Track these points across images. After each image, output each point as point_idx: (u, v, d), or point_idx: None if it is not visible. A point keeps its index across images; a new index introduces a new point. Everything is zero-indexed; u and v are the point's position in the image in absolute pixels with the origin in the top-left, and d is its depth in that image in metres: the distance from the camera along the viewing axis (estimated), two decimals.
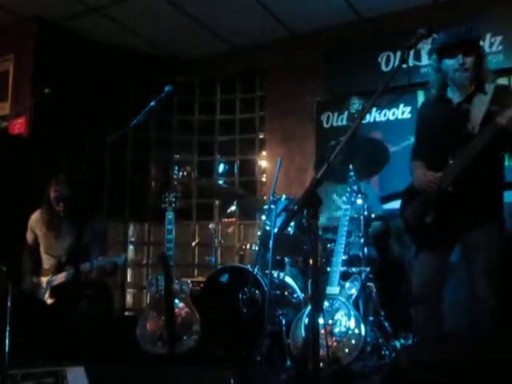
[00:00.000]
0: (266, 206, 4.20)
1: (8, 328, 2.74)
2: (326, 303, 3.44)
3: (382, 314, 3.67)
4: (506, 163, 2.94)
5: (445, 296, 2.95)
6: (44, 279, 3.86)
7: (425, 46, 4.77)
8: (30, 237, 4.04)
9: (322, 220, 4.38)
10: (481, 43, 2.97)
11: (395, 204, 3.73)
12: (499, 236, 2.77)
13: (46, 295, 3.76)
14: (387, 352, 3.46)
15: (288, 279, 4.16)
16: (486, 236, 2.73)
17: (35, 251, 3.99)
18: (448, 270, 2.98)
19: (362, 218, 3.83)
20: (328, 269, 3.65)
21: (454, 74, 2.77)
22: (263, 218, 4.25)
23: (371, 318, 3.62)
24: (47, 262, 3.93)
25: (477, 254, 2.75)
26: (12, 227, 4.14)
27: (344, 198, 3.82)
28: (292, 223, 4.09)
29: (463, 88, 2.81)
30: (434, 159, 2.88)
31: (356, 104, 5.19)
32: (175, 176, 4.55)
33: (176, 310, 3.83)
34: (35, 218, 4.01)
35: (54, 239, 3.93)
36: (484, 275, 2.72)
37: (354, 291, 3.48)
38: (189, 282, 4.07)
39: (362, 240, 3.80)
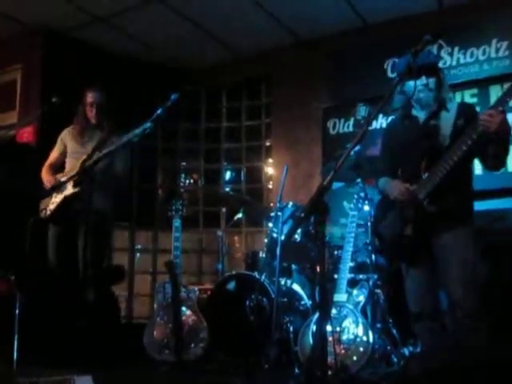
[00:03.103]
0: (272, 213, 4.20)
1: (16, 336, 2.75)
2: (334, 310, 3.43)
3: (390, 321, 3.65)
4: (479, 172, 2.97)
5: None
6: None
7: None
8: (56, 151, 4.11)
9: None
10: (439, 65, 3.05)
11: None
12: (469, 238, 2.77)
13: (69, 187, 3.78)
14: (395, 359, 3.44)
15: (295, 286, 4.15)
16: (455, 238, 2.73)
17: (55, 167, 4.09)
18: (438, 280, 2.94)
19: (369, 224, 3.82)
20: (335, 276, 3.64)
21: (419, 95, 2.83)
22: (270, 225, 4.25)
23: (379, 325, 3.60)
24: (69, 166, 3.98)
25: (447, 257, 2.74)
26: (19, 236, 4.15)
27: (351, 205, 3.81)
28: (299, 230, 4.09)
29: (428, 107, 2.89)
30: (405, 173, 2.91)
31: (362, 110, 5.20)
32: (182, 184, 4.57)
33: (183, 318, 3.83)
34: (67, 131, 4.12)
35: (81, 144, 3.98)
36: (456, 277, 2.70)
37: (361, 298, 3.47)
38: (196, 289, 4.08)
39: (370, 247, 3.79)
